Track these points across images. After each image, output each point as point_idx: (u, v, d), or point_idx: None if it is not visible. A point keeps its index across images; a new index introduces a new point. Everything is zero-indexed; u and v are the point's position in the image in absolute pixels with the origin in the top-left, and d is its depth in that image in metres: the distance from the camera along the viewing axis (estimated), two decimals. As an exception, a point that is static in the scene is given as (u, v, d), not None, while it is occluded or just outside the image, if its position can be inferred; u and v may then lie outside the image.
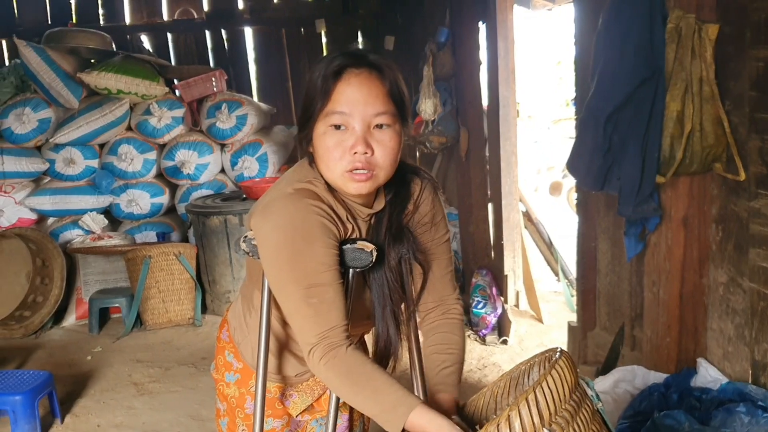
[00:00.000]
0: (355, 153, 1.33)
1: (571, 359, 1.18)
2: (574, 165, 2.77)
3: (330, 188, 1.41)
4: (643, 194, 2.47)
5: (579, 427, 1.11)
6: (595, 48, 2.62)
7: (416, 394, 1.58)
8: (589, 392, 1.19)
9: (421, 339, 1.62)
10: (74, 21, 6.25)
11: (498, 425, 1.04)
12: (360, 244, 1.41)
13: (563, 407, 1.09)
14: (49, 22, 6.15)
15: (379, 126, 1.35)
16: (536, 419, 1.04)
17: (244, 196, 4.99)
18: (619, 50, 2.46)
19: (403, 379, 1.36)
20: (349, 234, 1.44)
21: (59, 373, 3.92)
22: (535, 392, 1.06)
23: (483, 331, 4.21)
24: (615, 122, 2.52)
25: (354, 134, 1.34)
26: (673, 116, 2.38)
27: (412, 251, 1.49)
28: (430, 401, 1.45)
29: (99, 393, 3.76)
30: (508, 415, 1.04)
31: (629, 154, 2.49)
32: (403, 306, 1.55)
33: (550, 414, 1.07)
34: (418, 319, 1.62)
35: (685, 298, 2.62)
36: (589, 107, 2.61)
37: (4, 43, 6.31)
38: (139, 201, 5.32)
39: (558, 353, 1.19)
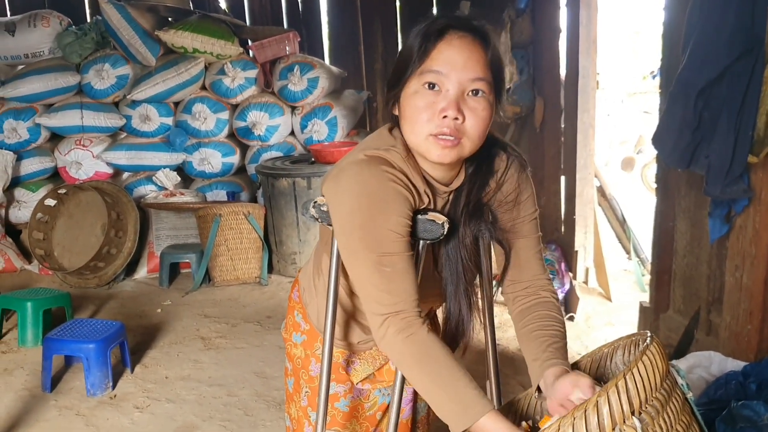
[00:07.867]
0: (445, 117, 1.26)
1: (661, 345, 1.12)
2: (660, 141, 2.66)
3: (409, 158, 1.35)
4: (733, 174, 2.36)
5: (669, 416, 1.05)
6: (689, 17, 2.49)
7: (488, 379, 1.53)
8: (680, 381, 1.13)
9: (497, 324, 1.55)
10: (153, -21, 6.33)
11: (585, 411, 0.99)
12: (431, 215, 1.35)
13: (654, 396, 1.04)
14: (130, -20, 6.24)
15: (475, 92, 1.28)
16: (626, 407, 0.99)
17: (313, 159, 5.00)
18: (717, 21, 2.33)
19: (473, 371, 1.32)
20: (425, 206, 1.38)
21: (130, 323, 4.04)
22: (625, 378, 1.01)
23: (549, 306, 4.13)
24: (707, 97, 2.40)
25: (446, 97, 1.26)
26: (771, 93, 2.26)
27: (490, 231, 1.42)
28: (542, 377, 1.37)
29: (168, 345, 3.86)
30: (597, 401, 0.99)
31: (720, 132, 2.37)
32: (479, 290, 1.50)
33: (641, 402, 1.02)
34: (507, 303, 1.54)
35: (770, 284, 2.51)
36: (679, 81, 2.49)
37: (86, -1, 6.44)
38: (211, 160, 5.40)
39: (648, 338, 1.13)
